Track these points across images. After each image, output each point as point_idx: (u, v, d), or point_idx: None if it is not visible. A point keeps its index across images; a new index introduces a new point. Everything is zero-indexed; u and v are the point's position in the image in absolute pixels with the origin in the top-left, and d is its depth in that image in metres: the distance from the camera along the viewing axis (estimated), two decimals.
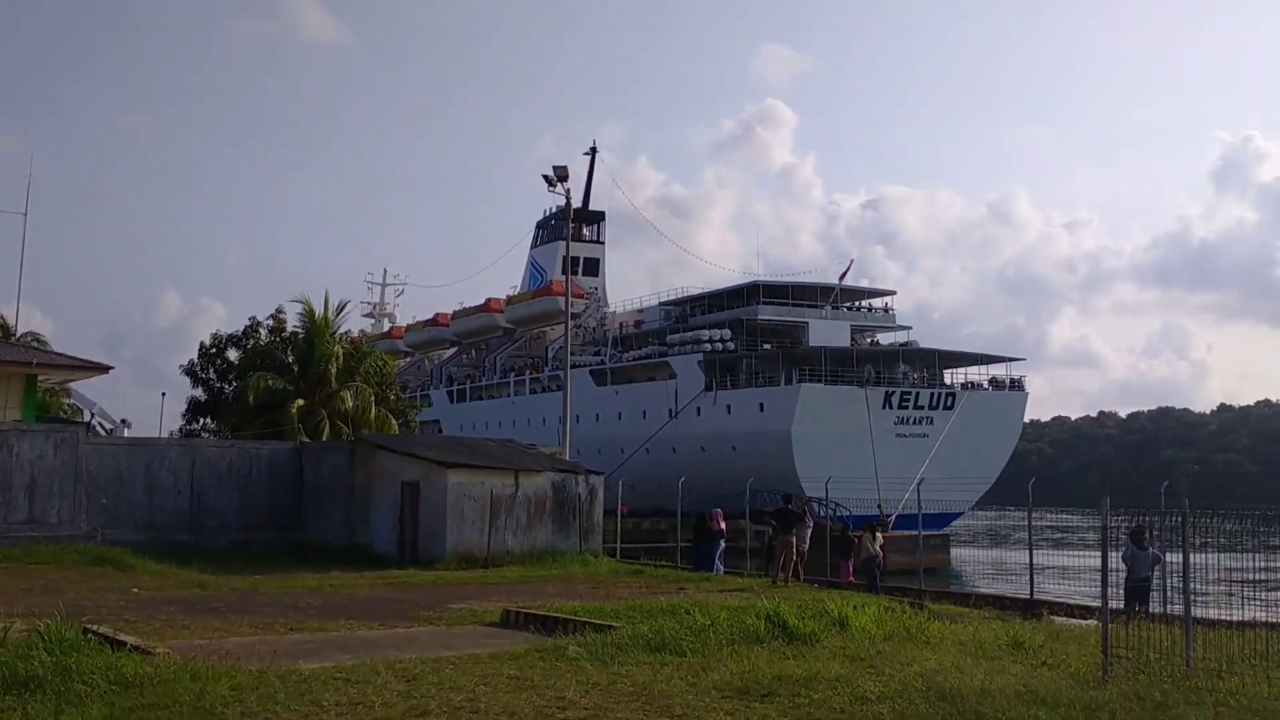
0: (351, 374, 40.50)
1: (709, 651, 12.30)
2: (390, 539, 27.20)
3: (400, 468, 27.43)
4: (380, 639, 13.79)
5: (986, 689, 9.99)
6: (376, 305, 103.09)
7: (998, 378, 62.98)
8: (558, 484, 27.43)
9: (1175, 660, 11.72)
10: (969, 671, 11.15)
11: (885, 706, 9.51)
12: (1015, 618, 18.29)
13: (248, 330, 41.96)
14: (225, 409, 40.31)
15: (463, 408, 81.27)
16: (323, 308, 39.92)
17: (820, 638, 13.41)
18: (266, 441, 31.59)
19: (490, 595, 19.28)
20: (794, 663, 11.77)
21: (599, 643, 12.53)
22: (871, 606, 16.13)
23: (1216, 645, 12.90)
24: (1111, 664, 11.32)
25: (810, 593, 20.66)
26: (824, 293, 66.01)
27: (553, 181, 33.65)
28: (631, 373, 68.34)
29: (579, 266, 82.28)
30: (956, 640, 14.13)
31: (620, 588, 21.02)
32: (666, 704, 9.65)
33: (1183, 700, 9.84)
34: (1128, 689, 10.23)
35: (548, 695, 9.92)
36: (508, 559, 25.90)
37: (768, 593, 20.30)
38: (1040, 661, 12.56)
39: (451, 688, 10.15)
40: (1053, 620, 18.46)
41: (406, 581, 22.18)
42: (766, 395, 59.88)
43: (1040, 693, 10.01)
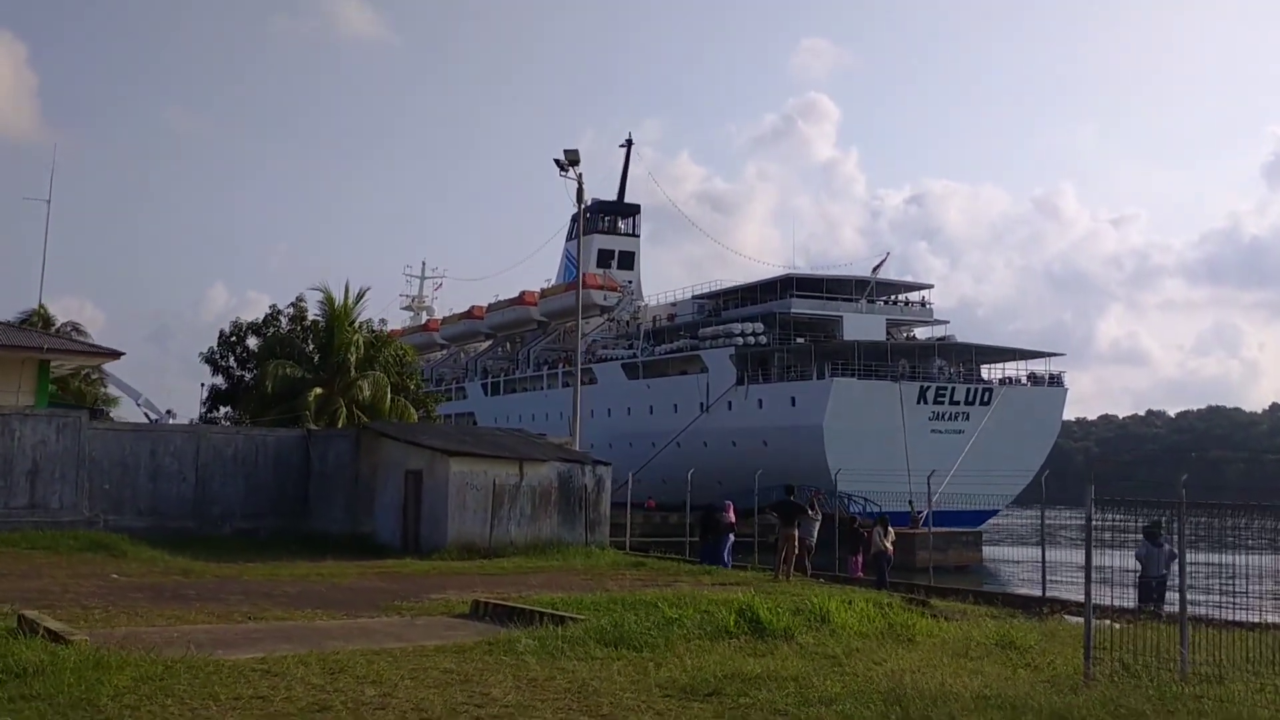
0: (371, 363, 40.10)
1: (669, 647, 11.62)
2: (393, 528, 26.73)
3: (404, 456, 26.94)
4: (333, 629, 13.23)
5: (947, 692, 9.20)
6: (415, 298, 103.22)
7: (1036, 373, 61.43)
8: (564, 474, 26.78)
9: (1170, 664, 10.88)
10: (937, 673, 10.35)
11: (832, 709, 8.76)
12: (1022, 616, 17.40)
13: (268, 318, 41.77)
14: (244, 397, 40.12)
15: (497, 400, 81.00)
16: (343, 296, 39.57)
17: (795, 634, 12.67)
18: (273, 429, 31.24)
19: (476, 586, 18.64)
20: (755, 660, 11.06)
21: (554, 636, 11.89)
22: (861, 602, 15.35)
23: (1224, 648, 12.03)
24: (1094, 667, 10.48)
25: (810, 587, 19.87)
26: (859, 286, 64.86)
27: (564, 166, 32.93)
28: (663, 366, 67.65)
29: (614, 259, 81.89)
30: (943, 639, 13.35)
31: (614, 580, 20.33)
32: (596, 703, 8.96)
33: (1162, 708, 8.98)
34: (1104, 695, 9.39)
35: (473, 691, 9.28)
36: (511, 550, 25.31)
37: (766, 587, 19.57)
38: (1025, 663, 11.73)
39: (373, 681, 9.55)
40: (1063, 619, 17.55)
41: (398, 571, 21.65)
42: (798, 389, 58.89)
43: (1007, 697, 9.20)
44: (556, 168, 32.75)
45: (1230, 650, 12.24)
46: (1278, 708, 9.00)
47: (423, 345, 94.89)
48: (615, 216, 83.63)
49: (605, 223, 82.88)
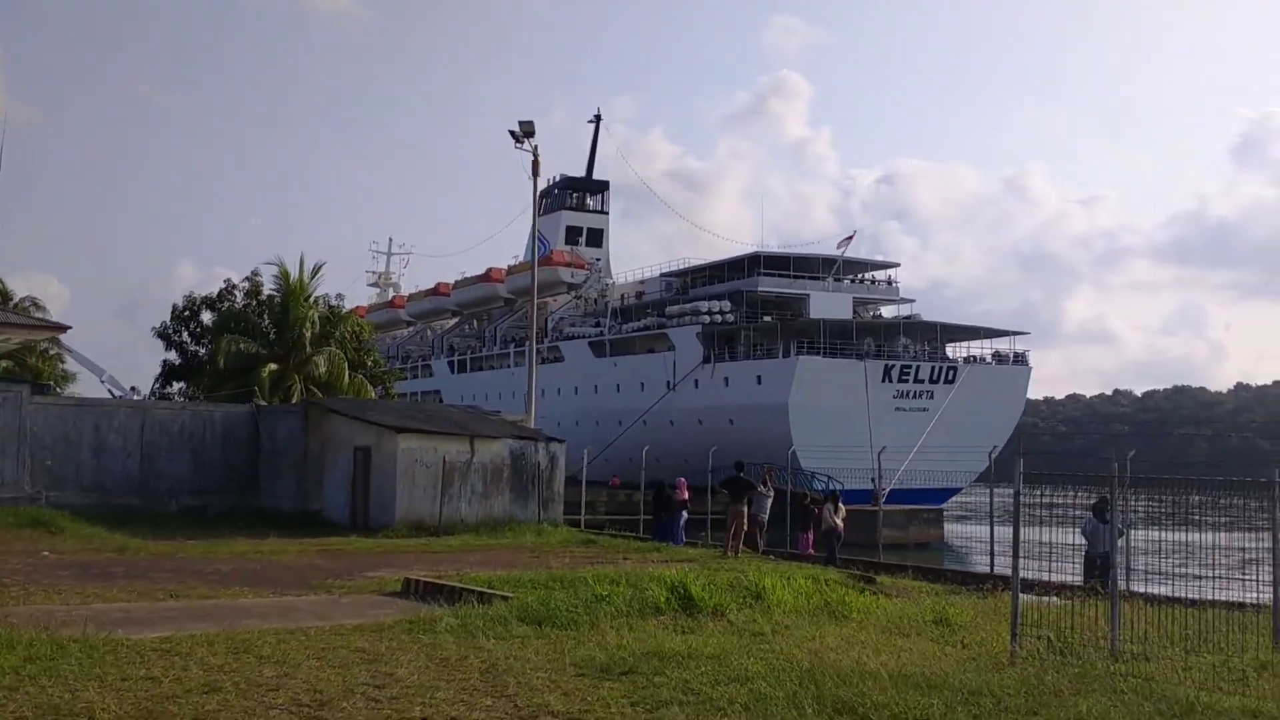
0: (327, 339, 39.56)
1: (594, 625, 11.33)
2: (342, 506, 26.37)
3: (353, 432, 26.56)
4: (254, 607, 12.88)
5: (863, 670, 8.95)
6: (381, 275, 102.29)
7: (1001, 352, 61.49)
8: (516, 451, 26.48)
9: (1103, 642, 10.70)
10: (855, 651, 10.11)
11: (745, 687, 8.49)
12: (967, 593, 17.25)
13: (223, 293, 41.12)
14: (197, 373, 39.52)
15: (464, 378, 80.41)
16: (298, 270, 38.99)
17: (726, 611, 12.40)
18: (221, 405, 30.74)
19: (415, 564, 18.33)
20: (680, 637, 10.80)
21: (477, 615, 11.60)
22: (800, 579, 15.12)
23: (1162, 626, 11.89)
24: (1023, 645, 10.27)
25: (757, 564, 19.66)
26: (826, 264, 64.63)
27: (519, 137, 32.39)
28: (630, 344, 67.28)
29: (582, 236, 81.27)
30: (879, 616, 13.13)
31: (560, 557, 20.05)
32: (502, 683, 8.67)
33: (1082, 687, 8.77)
34: (1025, 673, 9.17)
35: (378, 671, 8.98)
36: (461, 528, 25.00)
37: (712, 564, 19.35)
38: (956, 640, 11.53)
39: (276, 661, 9.23)
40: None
41: (341, 549, 21.29)
42: (764, 368, 58.67)
43: (925, 675, 8.97)
44: (512, 139, 32.27)
45: (1168, 627, 12.11)
46: (1199, 686, 8.81)
47: (388, 322, 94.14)
48: (584, 193, 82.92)
49: (574, 199, 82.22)
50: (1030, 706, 8.07)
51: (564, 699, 8.18)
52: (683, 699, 8.26)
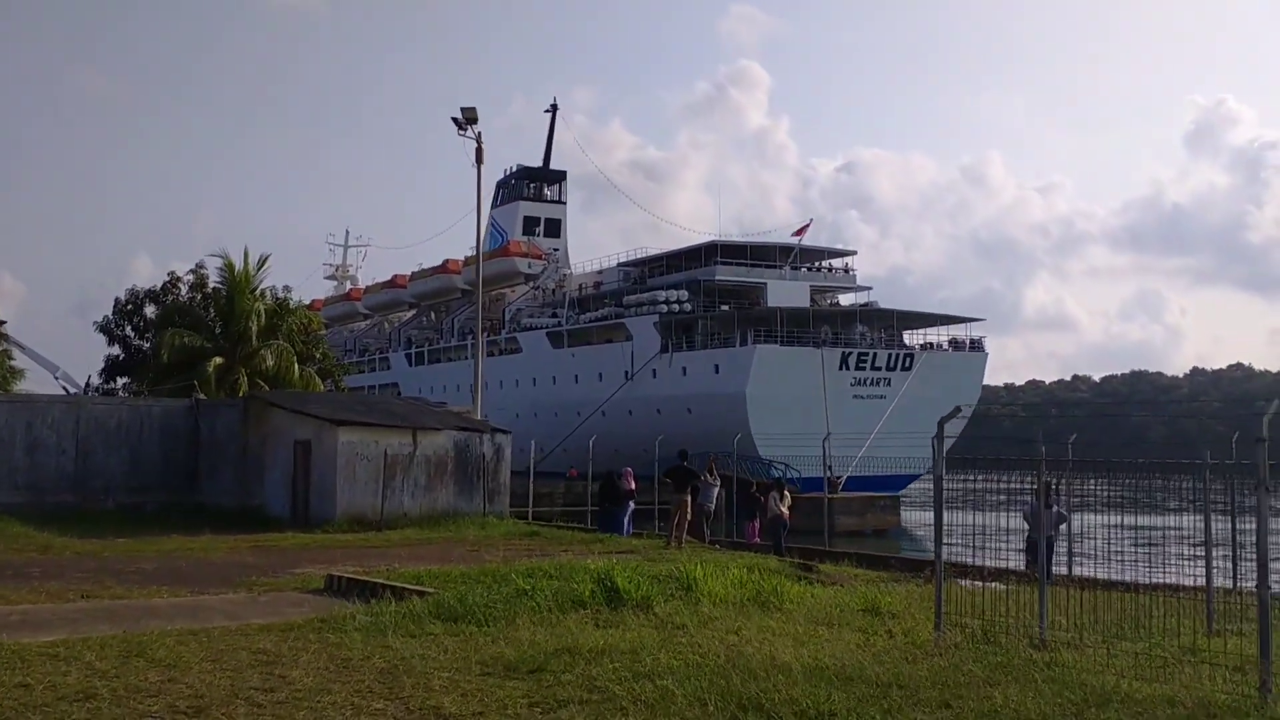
0: (274, 332, 38.88)
1: (511, 621, 10.98)
2: (283, 501, 25.85)
3: (293, 426, 26.02)
4: (164, 608, 12.42)
5: (777, 664, 8.65)
6: (339, 267, 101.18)
7: (957, 339, 61.65)
8: (460, 443, 26.03)
9: (1030, 629, 10.48)
10: (779, 643, 9.82)
11: (653, 683, 8.16)
12: (910, 580, 17.07)
13: (166, 286, 40.32)
14: (141, 368, 38.74)
15: (421, 370, 79.68)
16: (243, 262, 38.26)
17: (653, 603, 12.08)
18: (160, 399, 30.07)
19: (348, 560, 17.92)
20: (600, 632, 10.46)
21: (391, 612, 11.21)
22: (735, 569, 14.83)
23: (1096, 611, 11.70)
24: (947, 633, 10.02)
25: (700, 554, 19.37)
26: (783, 253, 64.51)
27: (461, 124, 31.84)
28: (588, 335, 66.86)
29: (540, 227, 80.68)
30: (811, 606, 12.86)
31: (499, 551, 19.65)
32: (399, 684, 8.30)
33: (1001, 676, 8.51)
34: (945, 663, 8.91)
35: (271, 674, 8.59)
36: (404, 521, 24.56)
37: (653, 554, 19.04)
38: (885, 629, 11.28)
39: (168, 665, 8.82)
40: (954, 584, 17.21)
41: (276, 545, 20.82)
42: (722, 357, 58.50)
43: (843, 667, 8.68)
44: (456, 127, 31.73)
45: (1103, 613, 11.93)
46: (1121, 674, 8.58)
47: (345, 315, 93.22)
48: (541, 183, 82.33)
49: (531, 190, 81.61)
50: (944, 699, 7.80)
51: (460, 700, 7.82)
52: (586, 698, 7.92)
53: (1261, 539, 7.88)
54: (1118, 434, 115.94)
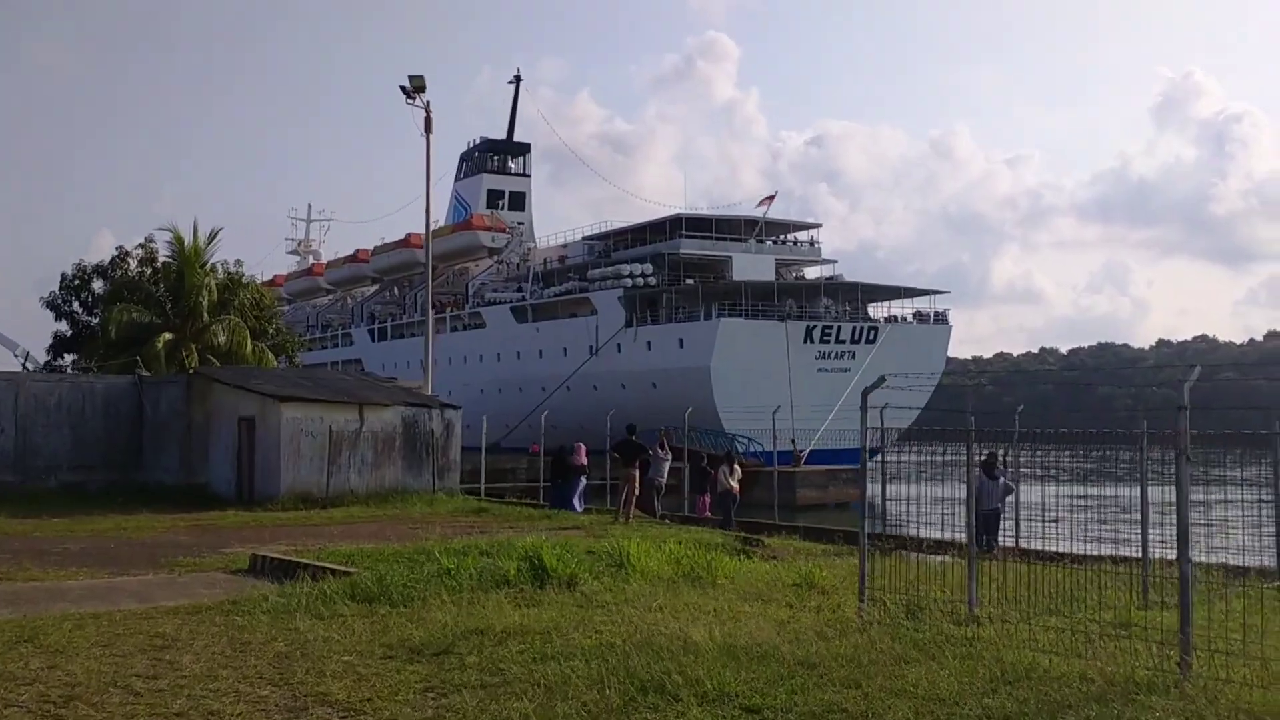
0: (226, 307, 38.21)
1: (428, 601, 10.63)
2: (228, 479, 25.34)
3: (237, 403, 25.48)
4: (74, 590, 11.98)
5: (690, 643, 8.35)
6: (301, 242, 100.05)
7: (921, 311, 61.59)
8: (409, 419, 25.59)
9: (961, 604, 10.24)
10: (705, 621, 9.52)
11: (558, 665, 7.86)
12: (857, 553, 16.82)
13: (114, 260, 39.48)
14: (89, 344, 37.99)
15: (384, 346, 78.96)
16: (193, 237, 37.54)
17: (580, 581, 11.76)
18: (102, 376, 29.45)
19: (286, 538, 17.49)
20: (520, 611, 10.15)
21: (305, 593, 10.84)
22: (672, 544, 14.55)
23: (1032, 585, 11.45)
24: (871, 609, 9.76)
25: (648, 529, 19.11)
26: (748, 226, 64.18)
27: (409, 93, 31.20)
28: (552, 309, 66.36)
29: (504, 200, 79.94)
30: (744, 582, 12.58)
31: (442, 528, 19.25)
32: (292, 669, 7.96)
33: (922, 654, 8.25)
34: (863, 640, 8.64)
35: (160, 660, 8.24)
36: (350, 499, 24.12)
37: (599, 530, 18.76)
38: (814, 605, 11.01)
39: (54, 651, 8.46)
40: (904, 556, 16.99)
41: (215, 524, 20.34)
42: (686, 331, 58.22)
43: (759, 645, 8.40)
44: (404, 95, 31.07)
45: (1041, 586, 11.69)
46: (1044, 649, 8.31)
47: (308, 290, 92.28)
48: (505, 155, 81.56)
49: (495, 162, 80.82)
50: (855, 677, 7.52)
51: (351, 686, 7.48)
52: (485, 681, 7.61)
53: (1182, 511, 7.63)
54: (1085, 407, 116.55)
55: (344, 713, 6.89)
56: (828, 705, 6.88)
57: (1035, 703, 6.92)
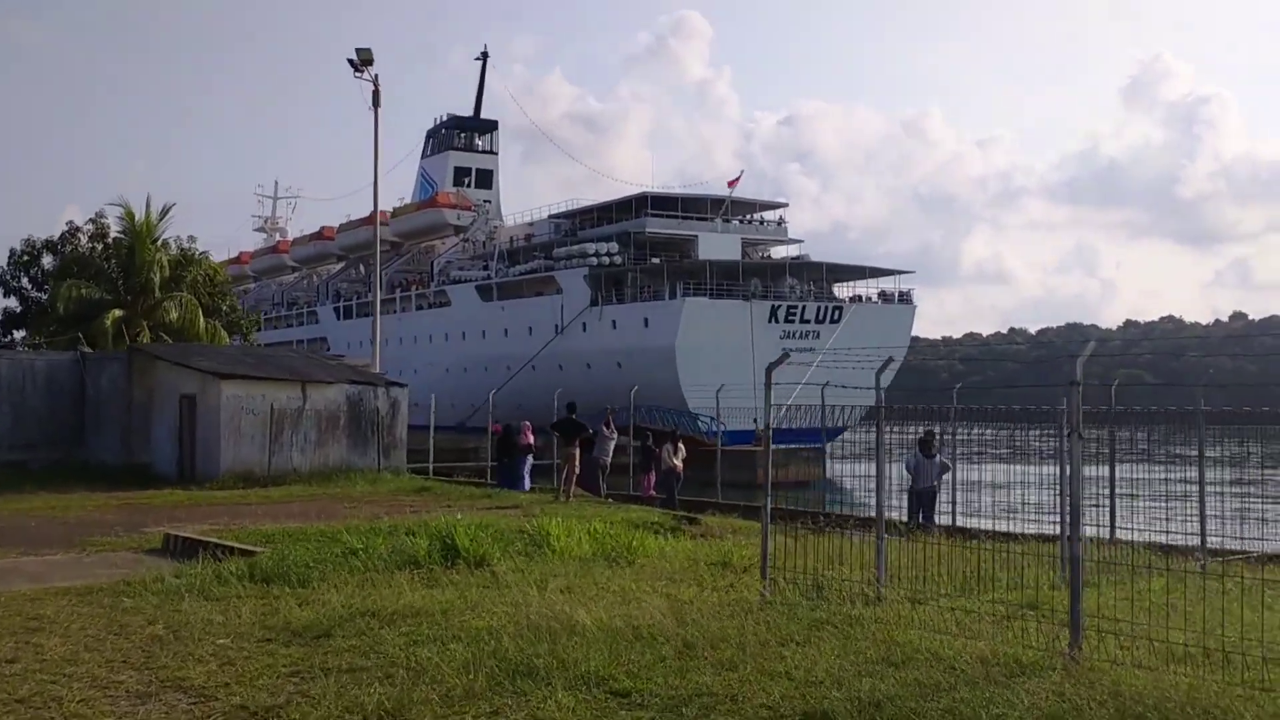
0: (178, 283, 37.67)
1: (326, 581, 10.38)
2: (170, 457, 24.95)
3: (179, 380, 25.08)
4: None
5: (574, 625, 8.12)
6: (268, 219, 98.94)
7: (886, 291, 61.55)
8: (354, 397, 25.27)
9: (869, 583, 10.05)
10: (601, 600, 9.31)
11: (438, 649, 7.62)
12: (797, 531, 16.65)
13: (65, 236, 38.85)
14: (38, 320, 37.40)
15: (349, 324, 78.21)
16: (144, 212, 36.95)
17: (492, 561, 11.52)
18: (44, 352, 28.95)
19: (214, 517, 17.17)
20: (419, 593, 9.90)
21: (200, 574, 10.56)
22: (600, 523, 14.34)
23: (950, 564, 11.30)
24: (776, 589, 9.57)
25: (586, 508, 18.88)
26: (715, 205, 63.88)
27: (357, 66, 30.69)
28: (518, 288, 65.91)
29: (471, 178, 79.27)
30: (665, 561, 12.37)
31: (374, 508, 18.99)
32: (156, 653, 7.70)
33: (812, 635, 8.06)
34: (756, 620, 8.44)
35: (25, 643, 7.97)
36: (293, 477, 23.81)
37: (538, 508, 18.51)
38: (725, 584, 10.82)
39: None
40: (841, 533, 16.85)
41: (149, 503, 20.00)
42: (651, 310, 57.96)
43: (649, 627, 8.18)
44: (351, 69, 30.54)
45: (959, 565, 11.54)
46: (938, 629, 8.12)
47: (273, 268, 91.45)
48: (472, 133, 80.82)
49: (461, 139, 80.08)
50: (736, 659, 7.32)
51: (214, 670, 7.23)
52: (357, 665, 7.37)
53: (1074, 489, 7.44)
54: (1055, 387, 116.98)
55: (195, 698, 6.64)
56: (699, 688, 6.67)
57: (914, 684, 6.73)
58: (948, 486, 18.46)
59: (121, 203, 37.03)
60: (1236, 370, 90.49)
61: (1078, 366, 7.55)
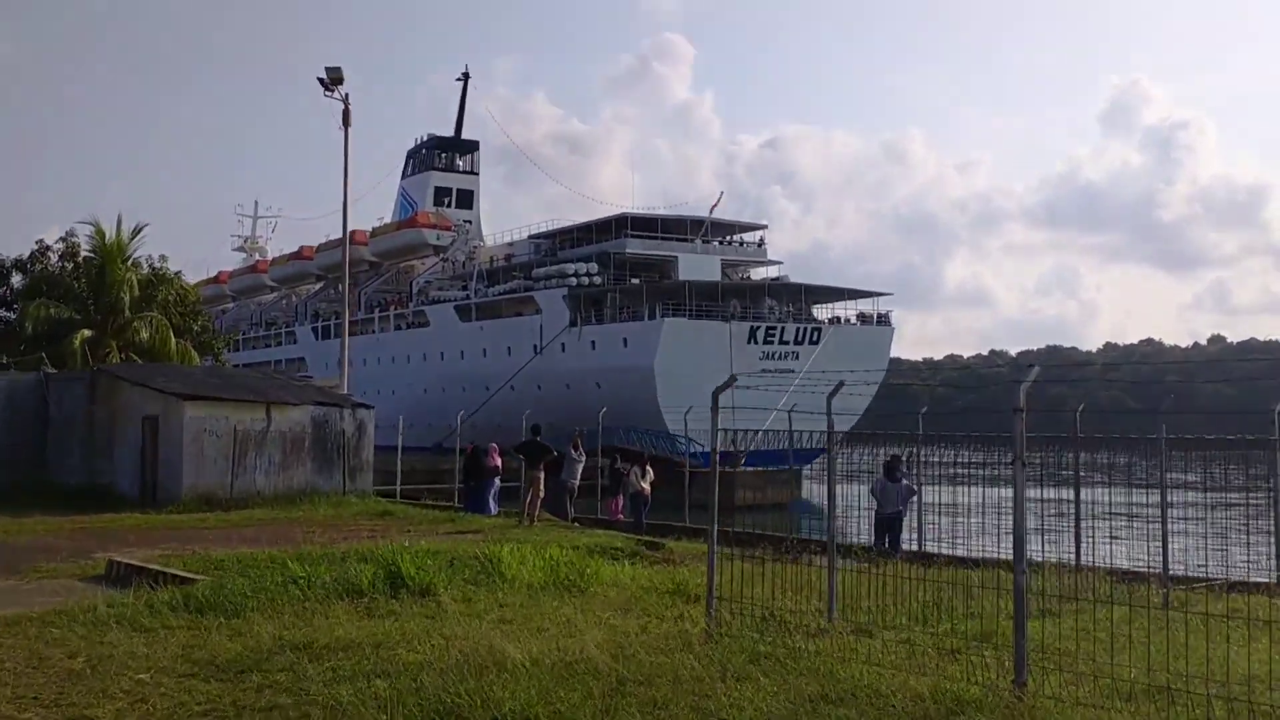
0: (149, 303, 37.29)
1: (271, 611, 10.09)
2: (132, 480, 24.56)
3: (142, 401, 24.72)
4: None
5: (505, 661, 7.85)
6: (247, 239, 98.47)
7: (865, 313, 61.55)
8: (319, 419, 24.94)
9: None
10: (544, 631, 9.05)
11: (352, 687, 7.34)
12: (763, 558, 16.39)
13: (35, 254, 38.41)
14: (6, 340, 36.93)
15: (328, 344, 77.48)
16: (115, 230, 36.60)
17: (438, 590, 11.24)
18: (5, 373, 28.55)
19: (170, 542, 16.84)
20: (356, 624, 9.63)
21: (133, 603, 10.25)
22: (557, 549, 14.07)
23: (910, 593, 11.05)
24: (721, 621, 9.31)
25: (549, 532, 18.60)
26: (694, 226, 63.86)
27: (327, 85, 30.52)
28: (497, 308, 65.65)
29: (451, 198, 79.10)
30: (618, 589, 12.11)
31: (333, 532, 18.67)
32: (70, 688, 7.40)
33: (752, 670, 7.81)
34: (697, 655, 8.18)
35: None
36: (256, 500, 23.45)
37: (498, 534, 18.22)
38: (676, 614, 10.56)
39: None
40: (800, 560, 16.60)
41: (106, 527, 19.62)
42: (630, 330, 57.77)
43: (582, 660, 7.92)
44: (321, 88, 30.35)
45: (918, 594, 11.30)
46: (884, 663, 7.88)
47: (252, 288, 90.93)
48: (453, 153, 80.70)
49: (442, 159, 79.94)
50: (669, 696, 7.07)
51: (125, 708, 6.95)
52: (275, 703, 7.09)
53: (1019, 519, 7.23)
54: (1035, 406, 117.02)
55: None
56: None
57: None
58: (914, 510, 18.25)
59: (92, 221, 36.72)
60: (1215, 395, 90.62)
61: (1020, 393, 7.34)
